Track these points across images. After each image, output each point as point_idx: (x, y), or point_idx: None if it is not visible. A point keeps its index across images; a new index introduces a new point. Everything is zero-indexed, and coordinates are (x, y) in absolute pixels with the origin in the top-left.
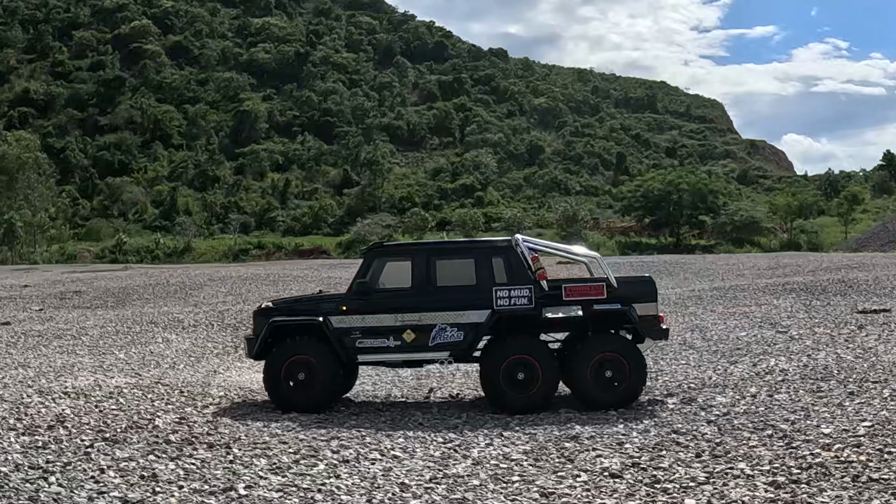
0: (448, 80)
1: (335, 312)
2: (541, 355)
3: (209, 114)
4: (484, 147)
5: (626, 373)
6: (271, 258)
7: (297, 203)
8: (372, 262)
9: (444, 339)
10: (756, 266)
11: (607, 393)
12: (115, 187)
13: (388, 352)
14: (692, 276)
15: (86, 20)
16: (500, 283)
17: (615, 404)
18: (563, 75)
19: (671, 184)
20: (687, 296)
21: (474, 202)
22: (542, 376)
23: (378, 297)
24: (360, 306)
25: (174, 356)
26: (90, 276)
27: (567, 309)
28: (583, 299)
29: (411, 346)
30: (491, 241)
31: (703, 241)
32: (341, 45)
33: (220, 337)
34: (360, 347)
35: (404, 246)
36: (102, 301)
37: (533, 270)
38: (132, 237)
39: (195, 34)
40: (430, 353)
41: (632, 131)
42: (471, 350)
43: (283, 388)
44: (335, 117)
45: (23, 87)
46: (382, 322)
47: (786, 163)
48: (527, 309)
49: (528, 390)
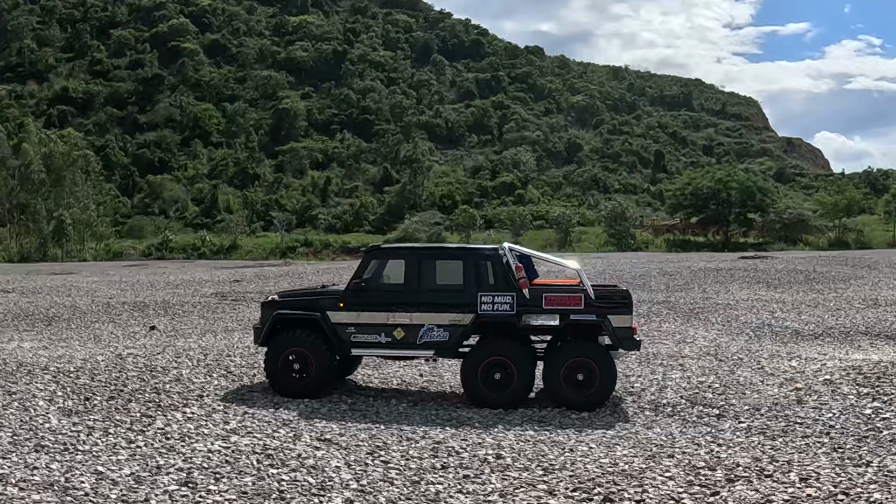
0: (485, 78)
1: (333, 308)
2: (517, 358)
3: (248, 112)
4: (522, 145)
5: (596, 377)
6: (318, 255)
7: (337, 201)
8: (370, 263)
9: (430, 338)
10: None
11: (577, 395)
12: (156, 185)
13: (379, 347)
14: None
15: (123, 19)
16: (485, 289)
17: (583, 407)
18: (598, 73)
19: (720, 181)
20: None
21: (514, 200)
22: (516, 378)
23: (373, 296)
24: (357, 303)
25: None
26: (269, 269)
27: (546, 317)
28: (561, 308)
29: (401, 342)
30: (480, 248)
31: (751, 240)
32: (378, 43)
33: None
34: (354, 342)
35: (400, 248)
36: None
37: (517, 279)
38: (176, 235)
39: (232, 32)
40: (417, 350)
41: (668, 129)
42: (455, 349)
43: (281, 376)
44: (374, 115)
45: (62, 86)
46: (375, 319)
47: (822, 161)
48: (508, 315)
49: (502, 390)
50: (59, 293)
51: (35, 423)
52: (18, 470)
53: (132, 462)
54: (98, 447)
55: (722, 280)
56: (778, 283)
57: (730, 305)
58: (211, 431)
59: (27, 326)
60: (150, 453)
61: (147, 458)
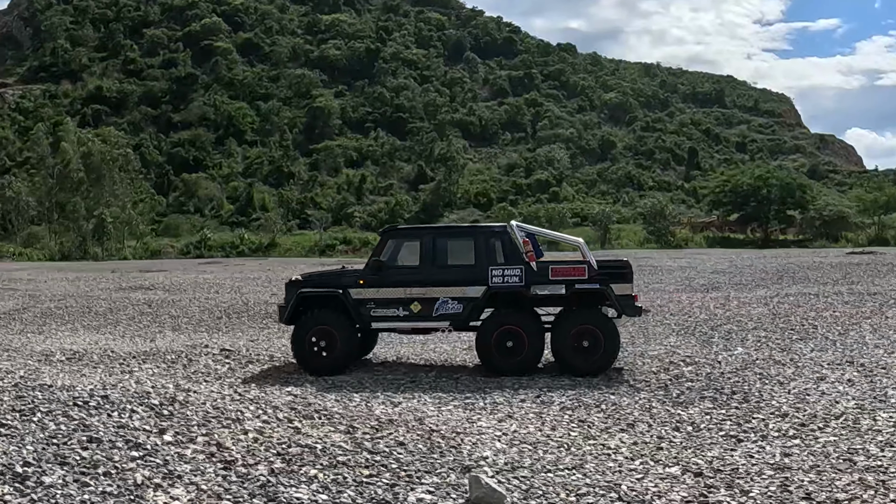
0: (518, 76)
1: (354, 285)
2: (528, 327)
3: (282, 110)
4: (556, 142)
5: (601, 344)
6: (357, 253)
7: (372, 199)
8: (387, 242)
9: (445, 310)
10: None
11: (583, 361)
12: (191, 183)
13: (397, 320)
14: None
15: (156, 18)
16: (495, 264)
17: (590, 372)
18: (630, 70)
19: (760, 178)
20: None
21: (549, 197)
22: (527, 345)
23: (391, 273)
24: (375, 280)
25: None
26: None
27: (553, 287)
28: (566, 279)
29: (418, 315)
30: (489, 226)
31: (791, 237)
32: (411, 42)
33: None
34: (374, 316)
35: (415, 228)
36: None
37: (524, 253)
38: (213, 233)
39: (265, 31)
40: (433, 322)
41: (701, 126)
42: (469, 321)
43: (307, 353)
44: (407, 113)
45: (95, 85)
46: (394, 294)
47: (855, 157)
48: (518, 286)
49: (515, 357)
50: (206, 290)
51: None
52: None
53: None
54: None
55: (869, 273)
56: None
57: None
58: None
59: (260, 325)
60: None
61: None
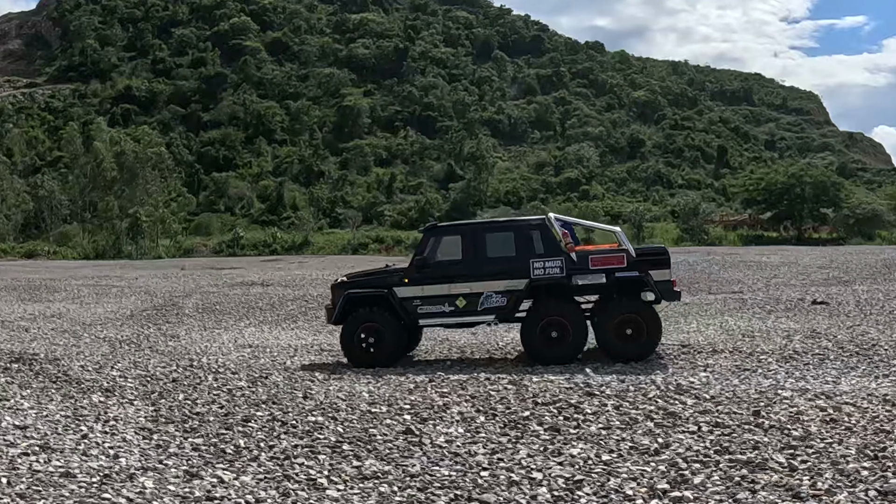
0: (546, 74)
1: (399, 284)
2: (571, 317)
3: (311, 109)
4: (585, 141)
5: (644, 330)
6: (391, 252)
7: (402, 197)
8: (429, 240)
9: (490, 304)
10: None
11: (630, 348)
12: (221, 182)
13: (443, 316)
14: None
15: (184, 18)
16: (536, 255)
17: (634, 357)
18: (658, 68)
19: (793, 176)
20: None
21: (580, 196)
22: (571, 335)
23: (434, 270)
24: (420, 278)
25: None
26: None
27: (593, 276)
28: (606, 268)
29: (463, 310)
30: (528, 219)
31: (824, 235)
32: (439, 40)
33: None
34: (420, 313)
35: (455, 225)
36: None
37: (563, 244)
38: (245, 231)
39: (294, 30)
40: (479, 316)
41: (730, 124)
42: (513, 313)
43: (356, 349)
44: (436, 112)
45: (125, 85)
46: (439, 291)
47: (884, 155)
48: (559, 277)
49: (560, 346)
50: (318, 286)
51: None
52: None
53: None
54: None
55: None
56: None
57: None
58: None
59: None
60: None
61: None
